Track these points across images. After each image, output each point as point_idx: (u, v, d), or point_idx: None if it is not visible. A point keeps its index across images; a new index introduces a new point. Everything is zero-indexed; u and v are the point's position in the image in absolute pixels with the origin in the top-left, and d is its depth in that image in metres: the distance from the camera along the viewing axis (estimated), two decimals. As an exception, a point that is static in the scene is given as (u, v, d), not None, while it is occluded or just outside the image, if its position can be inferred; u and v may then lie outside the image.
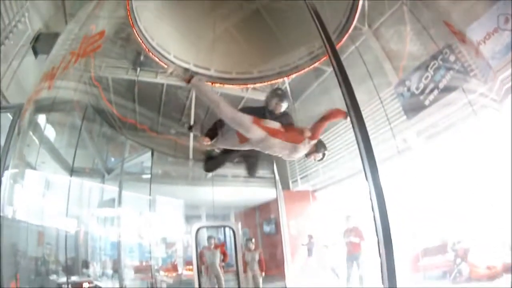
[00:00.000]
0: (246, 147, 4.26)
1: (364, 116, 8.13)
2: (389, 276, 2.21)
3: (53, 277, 7.10)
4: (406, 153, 8.55)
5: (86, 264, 8.30)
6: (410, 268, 8.44)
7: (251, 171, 5.16)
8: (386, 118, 8.12)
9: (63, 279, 6.97)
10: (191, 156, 11.15)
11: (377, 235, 2.26)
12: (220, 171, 12.16)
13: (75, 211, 8.00)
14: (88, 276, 7.97)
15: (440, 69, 7.51)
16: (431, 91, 7.68)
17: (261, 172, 11.86)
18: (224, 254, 9.93)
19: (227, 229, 12.56)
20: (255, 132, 3.96)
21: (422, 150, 8.54)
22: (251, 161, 4.97)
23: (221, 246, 10.42)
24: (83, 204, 8.59)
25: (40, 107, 6.58)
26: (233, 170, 12.20)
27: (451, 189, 8.06)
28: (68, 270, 7.30)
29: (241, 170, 12.27)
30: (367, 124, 7.66)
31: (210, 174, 11.45)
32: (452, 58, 7.29)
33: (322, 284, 10.07)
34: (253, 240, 10.02)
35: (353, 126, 2.46)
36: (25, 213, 6.55)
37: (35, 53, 8.41)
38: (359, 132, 2.41)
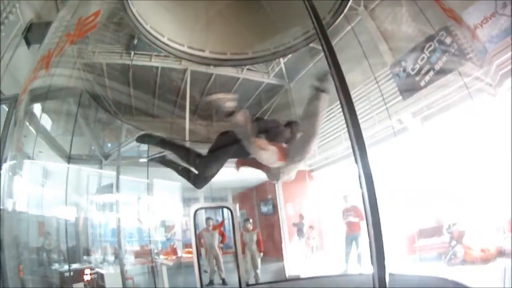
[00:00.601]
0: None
1: (359, 96, 8.19)
2: (378, 258, 2.23)
3: (55, 266, 7.17)
4: (402, 134, 8.58)
5: (87, 252, 8.37)
6: (405, 249, 8.53)
7: None
8: (381, 99, 8.10)
9: (65, 267, 7.04)
10: (187, 137, 11.15)
11: (365, 215, 2.27)
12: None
13: (74, 198, 8.02)
14: (89, 263, 8.05)
15: (436, 51, 7.48)
16: (427, 72, 7.67)
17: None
18: (222, 235, 10.04)
19: (225, 210, 12.66)
20: None
21: (418, 131, 8.56)
22: None
23: (219, 226, 10.52)
24: (81, 191, 8.61)
25: (35, 96, 6.51)
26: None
27: (447, 171, 8.11)
28: (69, 258, 7.36)
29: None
30: (362, 104, 7.74)
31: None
32: (448, 40, 7.24)
33: (317, 263, 10.17)
34: (251, 220, 10.11)
35: (342, 108, 2.45)
36: (25, 204, 6.57)
37: (28, 43, 8.31)
38: (348, 114, 2.40)
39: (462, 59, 7.02)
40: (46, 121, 7.47)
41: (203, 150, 4.49)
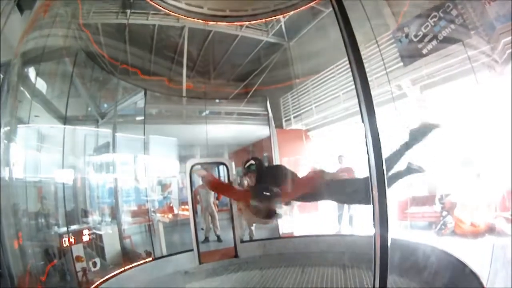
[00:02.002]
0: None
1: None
2: (381, 221, 2.24)
3: (53, 229, 7.22)
4: (401, 100, 8.55)
5: (85, 213, 8.43)
6: (397, 214, 8.66)
7: None
8: (382, 63, 8.01)
9: (63, 229, 7.09)
10: (184, 93, 11.08)
11: (370, 178, 2.26)
12: (214, 108, 12.20)
13: (71, 161, 8.02)
14: (87, 224, 8.13)
15: (441, 20, 7.35)
16: (430, 40, 7.55)
17: (254, 108, 11.87)
18: (218, 191, 10.11)
19: (221, 168, 12.72)
20: None
21: (417, 99, 8.54)
22: None
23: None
24: (78, 152, 8.58)
25: (29, 60, 6.40)
26: (226, 107, 12.19)
27: (444, 142, 8.15)
28: (68, 220, 7.41)
29: (234, 107, 12.30)
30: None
31: (204, 112, 11.48)
32: (454, 12, 7.11)
33: (310, 223, 10.29)
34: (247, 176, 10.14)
35: (351, 66, 2.40)
36: (22, 171, 6.55)
37: (21, 10, 8.05)
38: (357, 73, 2.36)
39: (468, 31, 6.93)
40: (41, 84, 7.36)
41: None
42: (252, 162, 4.59)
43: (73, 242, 7.07)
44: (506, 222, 6.56)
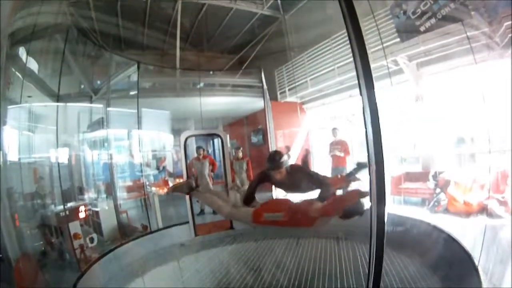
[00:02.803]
0: None
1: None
2: (378, 196, 2.25)
3: (50, 208, 7.22)
4: (397, 76, 8.52)
5: (80, 191, 8.43)
6: (391, 189, 8.72)
7: None
8: (378, 38, 7.92)
9: (60, 207, 7.08)
10: (178, 65, 10.96)
11: (368, 152, 2.26)
12: (208, 80, 12.11)
13: (65, 139, 7.96)
14: (83, 201, 8.14)
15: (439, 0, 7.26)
16: (428, 18, 7.44)
17: (249, 80, 11.80)
18: (212, 163, 10.10)
19: (215, 141, 12.70)
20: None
21: (413, 75, 8.51)
22: None
23: (210, 157, 10.59)
24: (72, 130, 8.52)
25: (19, 40, 6.29)
26: (220, 78, 12.09)
27: (441, 120, 8.18)
28: (64, 198, 7.39)
29: (228, 79, 12.21)
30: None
31: (198, 85, 11.40)
32: None
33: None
34: (241, 148, 10.12)
35: (349, 39, 2.35)
36: (17, 153, 6.50)
37: None
38: (356, 46, 2.32)
39: (469, 11, 6.85)
40: (32, 64, 7.24)
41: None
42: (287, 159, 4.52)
43: (70, 219, 7.08)
44: (499, 204, 6.64)
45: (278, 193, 6.78)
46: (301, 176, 4.54)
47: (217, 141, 12.18)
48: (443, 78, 8.06)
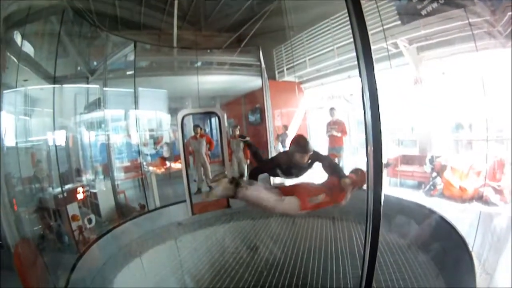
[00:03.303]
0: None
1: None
2: (375, 177, 2.26)
3: (48, 191, 7.21)
4: (396, 59, 8.48)
5: (78, 172, 8.41)
6: (387, 171, 8.74)
7: None
8: (379, 19, 7.84)
9: (57, 190, 7.09)
10: (175, 43, 10.88)
11: (366, 134, 2.26)
12: (205, 58, 12.03)
13: (62, 121, 7.91)
14: (82, 183, 8.13)
15: None
16: (431, 2, 7.36)
17: (247, 58, 11.72)
18: (209, 142, 10.10)
19: (213, 120, 12.67)
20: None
21: (413, 59, 8.47)
22: None
23: (207, 135, 10.58)
24: (69, 112, 8.44)
25: (14, 24, 6.20)
26: (218, 57, 12.01)
27: (438, 105, 8.17)
28: (62, 181, 7.38)
29: (226, 57, 12.14)
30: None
31: (196, 63, 11.33)
32: None
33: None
34: (239, 127, 10.11)
35: (350, 19, 2.33)
36: (14, 138, 6.47)
37: None
38: (356, 27, 2.30)
39: None
40: (28, 47, 7.14)
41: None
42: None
43: (68, 201, 7.09)
44: (494, 192, 6.69)
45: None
46: (319, 160, 4.65)
47: (214, 120, 12.16)
48: (443, 63, 8.03)
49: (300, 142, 4.56)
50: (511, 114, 5.28)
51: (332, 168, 4.61)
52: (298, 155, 4.43)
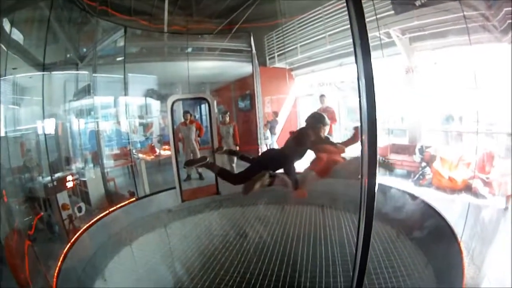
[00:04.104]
0: None
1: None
2: (370, 167, 2.26)
3: (38, 180, 7.13)
4: (388, 48, 8.49)
5: (68, 161, 8.32)
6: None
7: None
8: (372, 8, 7.81)
9: (47, 178, 7.00)
10: (165, 29, 10.77)
11: (361, 122, 2.25)
12: (196, 43, 11.93)
13: (51, 109, 7.80)
14: (71, 171, 8.04)
15: None
16: None
17: (238, 44, 11.66)
18: (199, 128, 10.06)
19: (202, 106, 12.61)
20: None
21: (405, 49, 8.49)
22: None
23: (197, 122, 10.54)
24: (59, 100, 8.32)
25: (2, 10, 6.07)
26: (209, 42, 11.93)
27: (429, 95, 8.22)
28: (52, 170, 7.29)
29: (217, 43, 12.05)
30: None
31: (186, 49, 11.24)
32: None
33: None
34: (228, 113, 10.08)
35: (347, 5, 2.31)
36: (3, 128, 6.38)
37: None
38: (354, 13, 2.28)
39: None
40: (17, 34, 7.01)
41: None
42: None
43: (57, 190, 7.02)
44: (483, 184, 6.76)
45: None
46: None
47: (204, 106, 12.12)
48: (435, 54, 8.07)
49: (319, 116, 4.66)
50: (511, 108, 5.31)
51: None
52: (317, 130, 4.51)
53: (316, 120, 4.66)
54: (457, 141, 8.19)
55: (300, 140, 4.65)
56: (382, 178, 8.22)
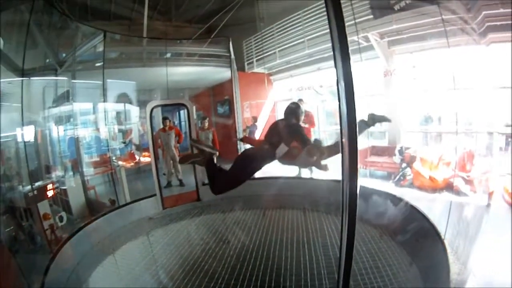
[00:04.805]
0: None
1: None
2: (351, 170, 2.26)
3: (18, 189, 6.97)
4: (367, 52, 8.60)
5: (48, 169, 8.18)
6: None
7: None
8: (351, 12, 7.89)
9: (28, 187, 6.86)
10: (145, 34, 10.72)
11: (341, 126, 2.26)
12: (175, 49, 11.88)
13: (30, 116, 7.65)
14: (51, 179, 7.89)
15: None
16: None
17: (217, 50, 11.67)
18: (178, 134, 10.04)
19: (181, 112, 12.57)
20: None
21: (384, 52, 8.60)
22: None
23: (176, 128, 10.51)
24: (38, 107, 8.19)
25: None
26: (188, 47, 11.90)
27: (408, 98, 8.36)
28: (32, 178, 7.15)
29: (196, 48, 12.02)
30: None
31: (165, 55, 11.20)
32: None
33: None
34: (207, 119, 10.06)
35: (327, 9, 2.31)
36: None
37: None
38: (333, 16, 2.28)
39: None
40: None
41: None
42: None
43: (38, 199, 6.88)
44: (464, 182, 6.90)
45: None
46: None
47: (183, 112, 12.06)
48: (414, 57, 8.21)
49: (296, 107, 4.71)
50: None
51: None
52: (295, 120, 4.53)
53: (291, 110, 4.66)
54: (437, 141, 8.34)
55: (278, 130, 4.64)
56: (362, 180, 8.31)
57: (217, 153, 4.74)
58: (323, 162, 4.14)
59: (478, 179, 6.69)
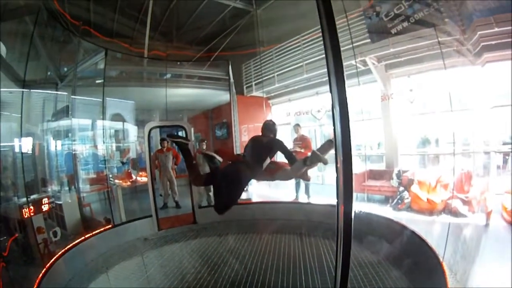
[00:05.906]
0: None
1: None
2: (345, 194, 2.25)
3: (13, 201, 6.93)
4: (365, 76, 8.69)
5: (44, 182, 8.15)
6: (354, 186, 8.83)
7: None
8: (349, 37, 7.97)
9: (23, 200, 6.82)
10: (146, 54, 10.80)
11: (336, 150, 2.25)
12: (175, 70, 11.95)
13: (29, 128, 7.67)
14: (47, 193, 7.85)
15: (415, 5, 7.42)
16: (401, 21, 7.63)
17: (216, 72, 11.75)
18: (176, 156, 10.01)
19: (180, 133, 12.59)
20: None
21: (381, 76, 8.68)
22: None
23: (174, 149, 10.49)
24: (37, 119, 8.20)
25: None
26: (188, 69, 11.97)
27: (405, 120, 8.41)
28: (28, 190, 7.11)
29: (195, 70, 12.10)
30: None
31: (165, 75, 11.26)
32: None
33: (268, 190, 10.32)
34: (206, 141, 10.05)
35: (323, 35, 2.33)
36: None
37: None
38: (329, 42, 2.30)
39: (443, 17, 7.05)
40: (1, 47, 6.93)
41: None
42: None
43: (33, 212, 6.81)
44: (463, 203, 6.89)
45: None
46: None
47: (181, 134, 12.10)
48: (411, 81, 8.26)
49: (272, 124, 5.00)
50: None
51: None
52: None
53: (268, 126, 4.85)
54: (434, 163, 8.33)
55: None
56: (360, 204, 8.28)
57: (222, 159, 4.65)
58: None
59: (476, 200, 6.68)
